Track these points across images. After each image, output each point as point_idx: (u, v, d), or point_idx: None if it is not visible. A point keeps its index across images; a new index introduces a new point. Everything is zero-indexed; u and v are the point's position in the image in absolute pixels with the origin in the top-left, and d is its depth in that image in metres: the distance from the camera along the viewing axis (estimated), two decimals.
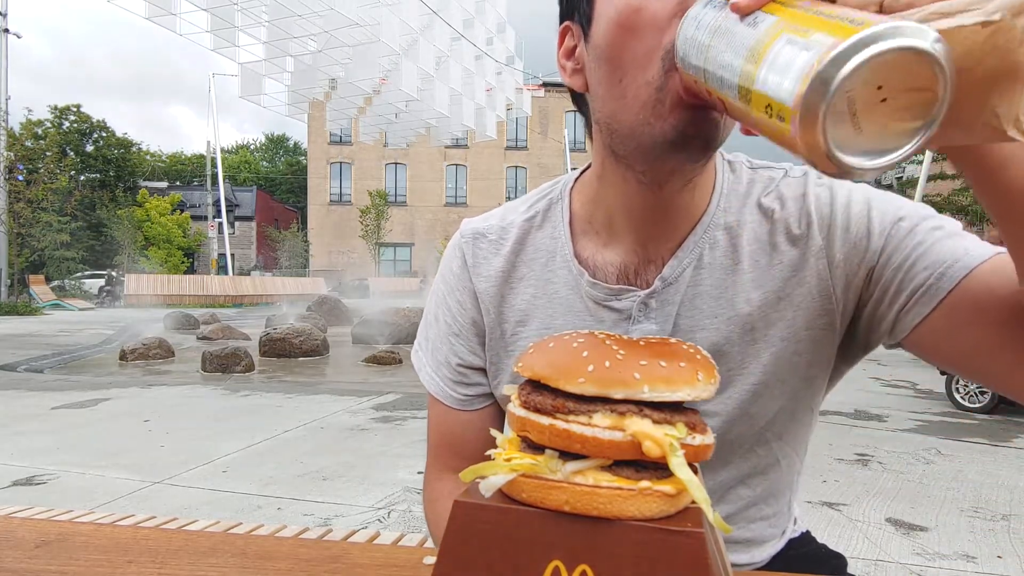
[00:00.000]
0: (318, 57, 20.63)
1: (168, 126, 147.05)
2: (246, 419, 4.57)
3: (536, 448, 0.39)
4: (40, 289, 20.69)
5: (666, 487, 0.36)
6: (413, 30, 20.12)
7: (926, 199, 21.76)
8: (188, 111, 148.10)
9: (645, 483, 0.36)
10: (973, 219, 24.20)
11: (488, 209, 0.82)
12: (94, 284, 26.95)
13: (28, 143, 20.84)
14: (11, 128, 19.54)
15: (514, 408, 0.41)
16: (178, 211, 34.42)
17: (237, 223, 41.77)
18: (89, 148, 35.11)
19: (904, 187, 33.64)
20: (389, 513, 2.79)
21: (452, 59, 22.34)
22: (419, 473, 3.29)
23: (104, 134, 35.69)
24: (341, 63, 20.99)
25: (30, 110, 34.66)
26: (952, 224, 0.60)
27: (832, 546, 0.85)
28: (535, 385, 0.40)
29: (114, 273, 26.36)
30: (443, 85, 22.26)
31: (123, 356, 8.23)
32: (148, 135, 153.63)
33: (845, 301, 0.63)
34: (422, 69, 20.92)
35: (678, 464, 0.35)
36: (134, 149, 38.19)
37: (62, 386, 5.94)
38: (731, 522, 0.72)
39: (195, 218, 36.10)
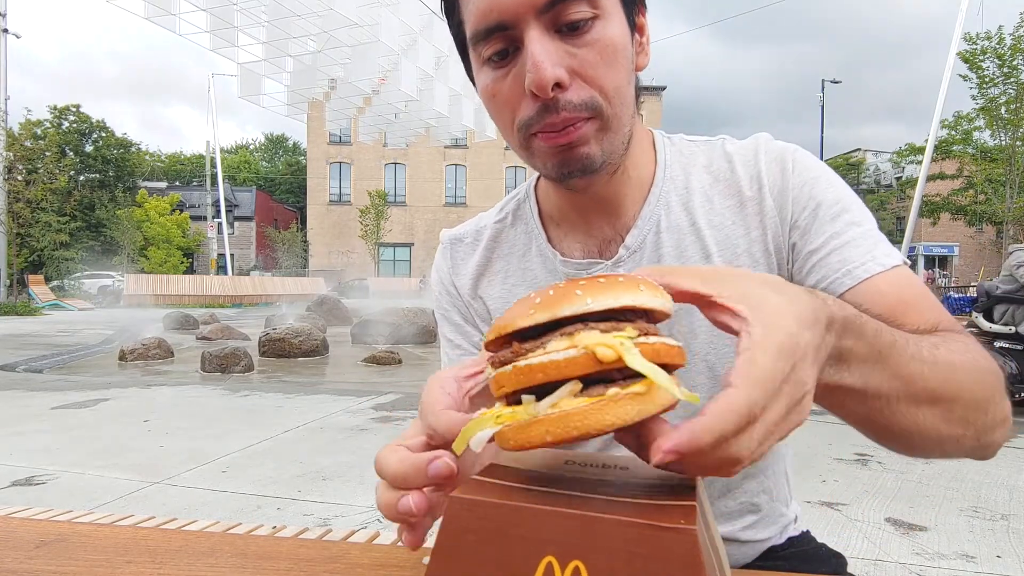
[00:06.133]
0: (317, 57, 20.61)
1: (168, 126, 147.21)
2: (246, 419, 4.57)
3: (519, 404, 0.39)
4: (39, 289, 20.68)
5: (635, 388, 0.35)
6: (413, 30, 20.09)
7: (926, 199, 21.78)
8: (188, 111, 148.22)
9: (613, 389, 0.35)
10: (972, 219, 24.24)
11: (487, 209, 0.86)
12: (93, 284, 26.95)
13: (27, 143, 20.80)
14: (10, 128, 19.52)
15: (488, 374, 0.41)
16: (177, 211, 34.45)
17: (236, 223, 41.78)
18: (88, 148, 35.09)
19: (904, 187, 33.66)
20: None
21: (452, 59, 22.28)
22: None
23: (103, 134, 35.69)
24: (340, 63, 20.97)
25: (29, 110, 34.60)
26: (869, 222, 0.67)
27: (832, 546, 0.86)
28: (500, 346, 0.41)
29: (115, 274, 26.38)
30: (443, 85, 22.23)
31: (123, 356, 8.23)
32: (148, 135, 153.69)
33: (779, 260, 0.70)
34: (422, 69, 20.90)
35: (634, 359, 0.35)
36: (133, 149, 38.17)
37: (62, 386, 5.94)
38: (734, 493, 0.75)
39: (194, 218, 36.13)
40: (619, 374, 0.36)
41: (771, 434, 0.35)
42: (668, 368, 0.37)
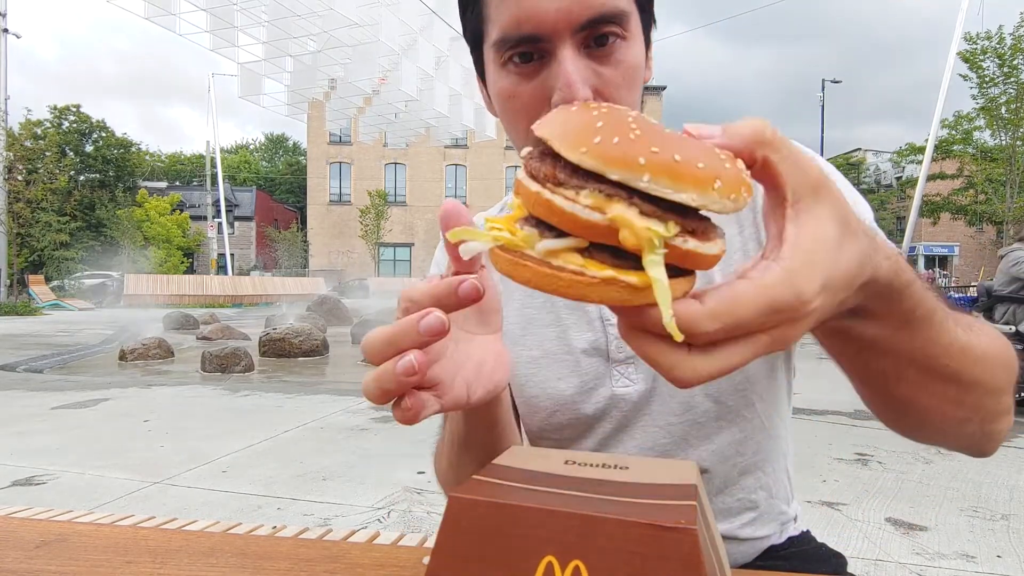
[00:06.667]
0: (318, 57, 20.60)
1: (168, 126, 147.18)
2: (246, 419, 4.57)
3: (533, 218, 0.37)
4: (40, 289, 20.69)
5: (632, 278, 0.33)
6: (413, 30, 20.08)
7: (926, 199, 21.78)
8: (188, 111, 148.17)
9: (609, 272, 0.34)
10: (972, 219, 24.23)
11: (487, 209, 0.85)
12: (94, 284, 26.96)
13: (27, 143, 20.81)
14: (10, 128, 19.53)
15: (519, 172, 0.39)
16: (177, 211, 34.45)
17: (237, 223, 41.79)
18: (89, 148, 35.09)
19: (904, 187, 33.64)
20: (389, 513, 2.79)
21: (452, 59, 22.28)
22: (419, 473, 3.29)
23: (104, 134, 35.68)
24: (341, 63, 20.95)
25: (29, 110, 34.63)
26: (865, 214, 0.66)
27: (832, 546, 0.86)
28: (544, 152, 0.37)
29: (114, 273, 26.38)
30: (443, 85, 22.22)
31: (123, 356, 8.23)
32: (148, 135, 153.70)
33: None
34: (422, 69, 20.89)
35: (652, 262, 0.33)
36: (133, 149, 38.16)
37: (62, 386, 5.94)
38: (731, 490, 0.76)
39: (194, 218, 36.13)
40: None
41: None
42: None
